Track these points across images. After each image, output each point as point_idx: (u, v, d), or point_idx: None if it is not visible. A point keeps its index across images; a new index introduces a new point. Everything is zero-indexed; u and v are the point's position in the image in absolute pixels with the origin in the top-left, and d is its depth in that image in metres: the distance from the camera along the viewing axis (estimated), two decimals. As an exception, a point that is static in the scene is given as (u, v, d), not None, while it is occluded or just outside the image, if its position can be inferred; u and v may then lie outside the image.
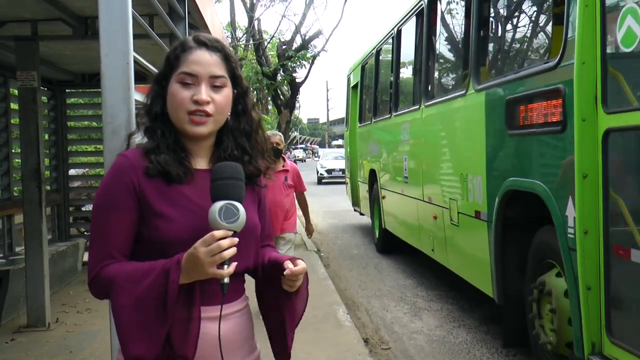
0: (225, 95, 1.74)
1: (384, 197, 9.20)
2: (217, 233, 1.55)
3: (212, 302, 1.66)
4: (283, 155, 6.15)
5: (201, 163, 1.78)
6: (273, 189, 5.64)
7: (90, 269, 1.66)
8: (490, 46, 5.38)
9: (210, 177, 1.66)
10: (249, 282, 1.91)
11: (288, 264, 1.71)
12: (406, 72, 8.55)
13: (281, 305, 1.82)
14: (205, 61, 1.71)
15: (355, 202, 12.52)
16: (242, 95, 1.82)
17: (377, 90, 10.14)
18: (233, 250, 1.56)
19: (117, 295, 1.61)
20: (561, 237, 3.64)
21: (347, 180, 13.38)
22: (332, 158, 30.38)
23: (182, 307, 1.60)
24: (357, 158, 11.96)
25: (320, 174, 29.27)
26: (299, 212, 6.68)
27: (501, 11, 5.26)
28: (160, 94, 1.75)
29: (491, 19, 5.30)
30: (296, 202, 6.33)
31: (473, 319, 6.03)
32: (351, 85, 12.69)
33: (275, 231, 5.57)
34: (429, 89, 6.78)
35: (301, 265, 1.74)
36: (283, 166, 6.07)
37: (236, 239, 1.57)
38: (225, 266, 1.57)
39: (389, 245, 9.66)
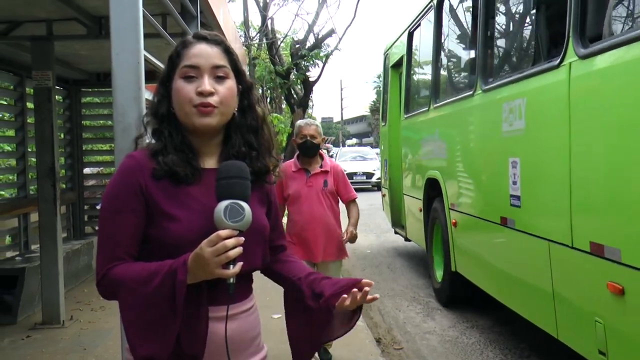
0: (228, 87, 1.73)
1: (455, 224, 5.98)
2: (223, 232, 1.54)
3: (219, 302, 1.66)
4: (321, 151, 4.63)
5: (210, 162, 1.77)
6: (309, 197, 4.42)
7: (98, 269, 1.68)
8: None
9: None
10: (257, 282, 1.91)
11: (366, 282, 1.69)
12: (512, 12, 5.27)
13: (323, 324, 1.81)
14: (206, 53, 1.72)
15: (397, 222, 9.33)
16: (247, 90, 1.82)
17: (439, 59, 6.94)
18: (239, 250, 1.56)
19: (124, 296, 1.62)
20: None
21: (385, 191, 10.03)
22: (351, 159, 25.86)
23: (189, 307, 1.61)
24: (401, 161, 8.70)
25: None
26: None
27: None
28: (165, 95, 1.76)
29: None
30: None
31: (486, 320, 6.00)
32: (390, 64, 9.60)
33: (315, 257, 4.45)
34: (590, 25, 3.47)
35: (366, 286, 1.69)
36: (321, 166, 4.54)
37: (242, 239, 1.57)
38: (231, 266, 1.57)
39: (463, 296, 6.42)
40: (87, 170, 9.25)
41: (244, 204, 1.60)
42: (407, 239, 8.92)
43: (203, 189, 1.70)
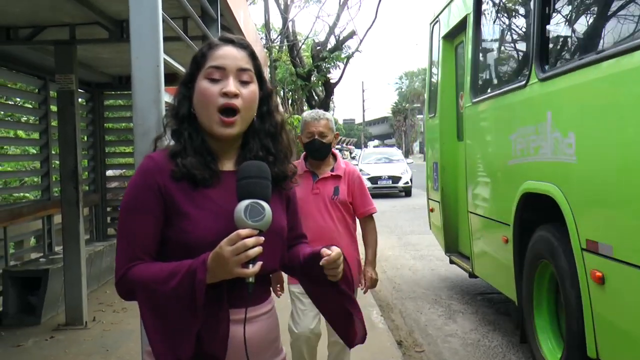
0: (252, 91, 1.74)
1: (602, 279, 3.44)
2: (243, 232, 1.55)
3: (239, 305, 1.66)
4: (334, 150, 3.65)
5: (228, 165, 1.78)
6: (315, 208, 3.49)
7: (117, 269, 1.68)
8: None
9: (236, 178, 1.67)
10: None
11: (325, 252, 1.72)
12: None
13: (334, 296, 1.84)
14: (232, 55, 1.73)
15: (454, 248, 7.03)
16: (267, 97, 1.82)
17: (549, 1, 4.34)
18: (259, 249, 1.56)
19: (143, 296, 1.62)
20: None
21: (434, 205, 7.58)
22: (376, 161, 23.21)
23: (210, 309, 1.61)
24: (464, 165, 6.21)
25: None
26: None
27: None
28: (186, 96, 1.76)
29: None
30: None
31: (509, 323, 5.94)
32: (442, 34, 7.20)
33: None
34: None
35: (335, 250, 1.73)
36: (333, 169, 3.59)
37: (262, 238, 1.57)
38: (251, 265, 1.57)
39: None
40: (109, 173, 9.35)
41: (265, 204, 1.60)
42: (473, 275, 6.30)
43: (221, 191, 1.71)
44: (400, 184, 21.22)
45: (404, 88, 76.34)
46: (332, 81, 24.07)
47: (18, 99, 8.70)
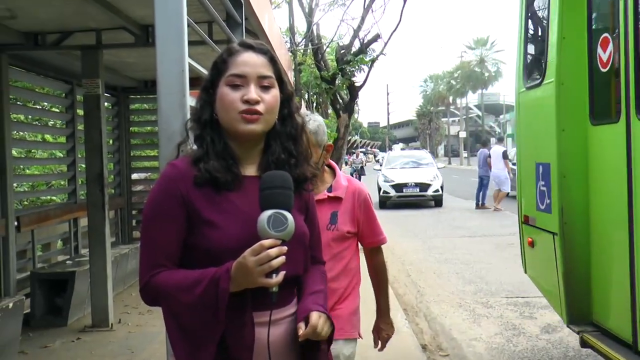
0: (273, 95, 1.75)
1: None
2: (266, 242, 1.55)
3: (263, 308, 1.66)
4: (330, 162, 2.85)
5: (250, 170, 1.78)
6: None
7: (141, 277, 1.69)
8: None
9: (258, 184, 1.67)
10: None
11: (300, 328, 1.67)
12: None
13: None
14: (252, 62, 1.74)
15: (584, 314, 3.95)
16: (287, 99, 1.83)
17: None
18: (282, 259, 1.57)
19: (168, 304, 1.64)
20: None
21: (538, 237, 4.51)
22: (401, 166, 20.59)
23: (235, 313, 1.62)
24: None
25: (385, 192, 18.75)
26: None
27: None
28: (208, 101, 1.77)
29: None
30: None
31: (534, 327, 5.88)
32: None
33: None
34: None
35: (312, 322, 1.67)
36: (330, 189, 2.75)
37: (285, 248, 1.58)
38: (274, 275, 1.58)
39: None
40: (135, 176, 9.43)
41: (287, 214, 1.60)
42: None
43: (244, 196, 1.72)
44: (430, 192, 18.53)
45: (429, 91, 75.89)
46: (356, 84, 23.99)
47: (45, 103, 8.81)
